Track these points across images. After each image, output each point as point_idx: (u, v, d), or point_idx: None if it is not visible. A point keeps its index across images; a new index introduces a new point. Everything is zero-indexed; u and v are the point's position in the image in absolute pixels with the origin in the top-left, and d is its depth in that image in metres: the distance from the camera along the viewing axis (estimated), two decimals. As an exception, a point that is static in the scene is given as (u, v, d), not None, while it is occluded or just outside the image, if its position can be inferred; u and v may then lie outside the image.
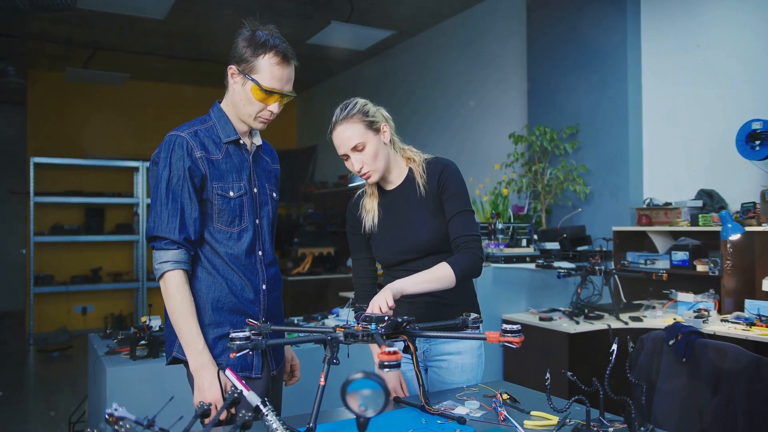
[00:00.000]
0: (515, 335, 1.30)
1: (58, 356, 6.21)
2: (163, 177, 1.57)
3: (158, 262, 1.56)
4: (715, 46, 3.79)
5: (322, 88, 8.69)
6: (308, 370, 2.08)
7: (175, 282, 1.55)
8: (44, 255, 7.19)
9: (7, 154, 8.93)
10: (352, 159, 1.73)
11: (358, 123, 1.72)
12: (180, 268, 1.56)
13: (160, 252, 1.56)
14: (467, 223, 1.74)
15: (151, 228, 1.57)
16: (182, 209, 1.57)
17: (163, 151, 1.59)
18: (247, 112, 1.63)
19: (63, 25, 6.10)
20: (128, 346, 2.49)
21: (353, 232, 1.91)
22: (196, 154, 1.59)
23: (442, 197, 1.77)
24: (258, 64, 1.58)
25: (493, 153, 5.20)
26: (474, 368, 1.82)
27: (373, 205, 1.84)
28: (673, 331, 2.61)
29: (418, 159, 1.83)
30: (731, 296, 3.20)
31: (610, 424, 1.33)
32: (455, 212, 1.75)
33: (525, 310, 3.61)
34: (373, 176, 1.76)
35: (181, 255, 1.57)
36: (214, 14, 5.88)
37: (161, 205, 1.56)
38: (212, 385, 1.53)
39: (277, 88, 1.60)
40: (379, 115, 1.78)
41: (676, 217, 3.65)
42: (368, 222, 1.84)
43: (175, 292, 1.55)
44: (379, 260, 1.87)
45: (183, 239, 1.56)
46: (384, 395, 0.91)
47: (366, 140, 1.72)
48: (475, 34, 5.73)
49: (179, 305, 1.55)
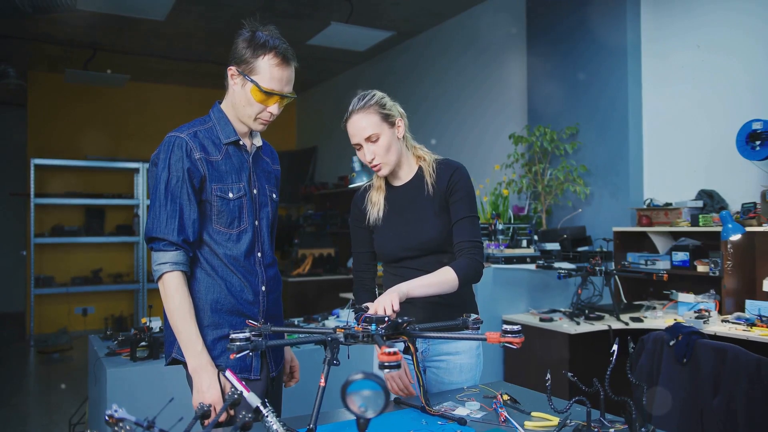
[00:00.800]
0: (516, 336, 1.30)
1: (58, 357, 6.21)
2: (162, 178, 1.57)
3: (157, 264, 1.55)
4: (715, 46, 3.79)
5: (321, 89, 8.70)
6: (308, 371, 2.08)
7: (173, 283, 1.55)
8: (45, 256, 7.20)
9: (7, 155, 8.93)
10: (365, 149, 1.75)
11: (374, 114, 1.73)
12: (178, 269, 1.55)
13: (159, 253, 1.55)
14: (472, 229, 1.75)
15: (149, 229, 1.57)
16: (181, 210, 1.56)
17: (162, 152, 1.59)
18: (246, 113, 1.63)
19: (63, 27, 6.10)
20: (128, 348, 2.49)
21: (357, 224, 1.90)
22: (195, 156, 1.59)
23: (449, 199, 1.78)
24: (258, 65, 1.58)
25: (493, 153, 5.20)
26: (472, 368, 1.82)
27: (379, 199, 1.85)
28: (673, 331, 2.61)
29: (428, 158, 1.84)
30: (732, 297, 3.20)
31: (610, 425, 1.33)
32: (461, 216, 1.76)
33: (525, 310, 3.60)
34: (383, 169, 1.77)
35: (180, 256, 1.56)
36: (213, 15, 5.89)
37: (160, 206, 1.56)
38: (211, 386, 1.53)
39: (276, 89, 1.60)
40: (395, 110, 1.79)
41: (676, 217, 3.65)
42: (373, 215, 1.84)
43: (174, 293, 1.54)
44: (380, 255, 1.86)
45: (182, 240, 1.56)
46: (384, 396, 0.90)
47: (380, 132, 1.73)
48: (474, 35, 5.74)
49: (178, 306, 1.55)
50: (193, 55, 7.21)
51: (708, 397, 2.39)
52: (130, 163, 7.15)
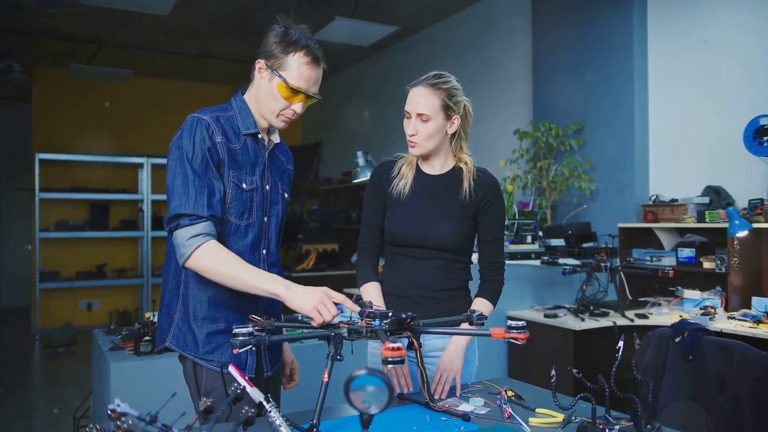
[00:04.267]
0: (520, 332, 1.29)
1: (63, 352, 6.23)
2: (188, 156, 1.52)
3: (187, 239, 1.45)
4: (722, 43, 3.76)
5: (326, 84, 8.62)
6: (310, 367, 2.07)
7: (211, 248, 1.46)
8: (49, 251, 7.21)
9: (12, 150, 8.97)
10: (412, 122, 1.75)
11: (437, 98, 1.73)
12: (212, 239, 1.48)
13: (186, 229, 1.46)
14: (501, 250, 1.85)
15: (176, 207, 1.48)
16: (210, 187, 1.52)
17: (186, 131, 1.55)
18: (270, 108, 1.61)
19: (67, 22, 6.10)
20: (132, 342, 2.49)
21: (373, 195, 1.88)
22: (216, 139, 1.56)
23: (481, 214, 1.81)
24: (287, 61, 1.57)
25: (498, 149, 5.17)
26: (467, 364, 1.81)
27: (408, 175, 1.84)
28: (679, 328, 2.60)
29: (470, 164, 1.84)
30: (738, 293, 3.18)
31: (616, 422, 1.32)
32: (493, 237, 1.83)
33: (530, 306, 3.59)
34: (417, 149, 1.78)
35: (210, 227, 1.49)
36: (217, 10, 5.87)
37: (189, 182, 1.50)
38: (307, 293, 1.42)
39: (303, 87, 1.58)
40: (461, 107, 1.79)
41: (682, 213, 3.63)
42: (398, 187, 1.82)
43: (218, 256, 1.46)
44: (389, 233, 1.84)
45: (210, 215, 1.51)
46: (388, 392, 0.90)
47: (433, 117, 1.73)
48: (480, 30, 5.71)
49: (228, 263, 1.46)
50: (197, 50, 7.21)
51: (714, 395, 2.38)
52: (135, 158, 7.15)
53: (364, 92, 7.66)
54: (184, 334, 1.58)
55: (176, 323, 1.60)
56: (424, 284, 1.80)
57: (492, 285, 1.83)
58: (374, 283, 1.85)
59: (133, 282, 7.43)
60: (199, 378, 1.58)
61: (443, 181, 1.83)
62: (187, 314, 1.58)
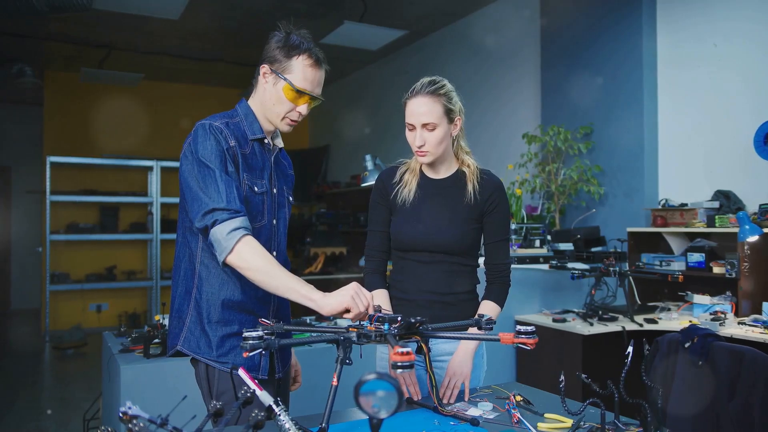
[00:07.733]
0: (530, 336, 1.29)
1: (72, 354, 6.27)
2: (207, 157, 1.53)
3: (227, 233, 1.46)
4: (731, 47, 3.74)
5: (334, 88, 8.70)
6: (318, 370, 2.08)
7: (252, 241, 1.48)
8: (60, 253, 7.27)
9: (24, 153, 9.05)
10: (417, 133, 1.74)
11: (439, 105, 1.73)
12: (250, 233, 1.50)
13: (225, 224, 1.46)
14: (507, 251, 1.86)
15: (206, 203, 1.48)
16: (236, 184, 1.55)
17: (200, 135, 1.56)
18: (275, 111, 1.64)
19: (78, 26, 6.16)
20: (142, 345, 2.50)
21: (378, 202, 1.89)
22: (230, 143, 1.59)
23: (486, 215, 1.81)
24: (291, 64, 1.60)
25: (507, 153, 5.17)
26: (475, 369, 1.81)
27: (413, 181, 1.85)
28: (689, 333, 2.58)
29: (472, 166, 1.85)
30: (748, 299, 3.16)
31: (625, 428, 1.32)
32: (499, 238, 1.83)
33: (538, 311, 3.58)
34: (427, 158, 1.78)
35: (247, 221, 1.50)
36: (227, 15, 5.91)
37: (217, 179, 1.51)
38: (339, 291, 1.43)
39: (308, 89, 1.62)
40: (458, 107, 1.79)
41: (692, 218, 3.61)
42: (403, 194, 1.83)
43: (259, 250, 1.47)
44: (395, 238, 1.85)
45: (242, 209, 1.52)
46: (398, 397, 0.90)
47: (439, 124, 1.73)
48: (488, 34, 5.71)
49: (268, 257, 1.48)
50: (207, 55, 7.25)
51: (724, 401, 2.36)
52: (145, 161, 7.19)
53: (372, 96, 7.68)
54: (197, 337, 1.60)
55: (188, 326, 1.61)
56: (431, 288, 1.80)
57: (499, 286, 1.84)
58: (383, 290, 1.86)
59: (142, 284, 7.48)
60: (211, 380, 1.59)
61: (448, 184, 1.84)
62: (200, 317, 1.60)
